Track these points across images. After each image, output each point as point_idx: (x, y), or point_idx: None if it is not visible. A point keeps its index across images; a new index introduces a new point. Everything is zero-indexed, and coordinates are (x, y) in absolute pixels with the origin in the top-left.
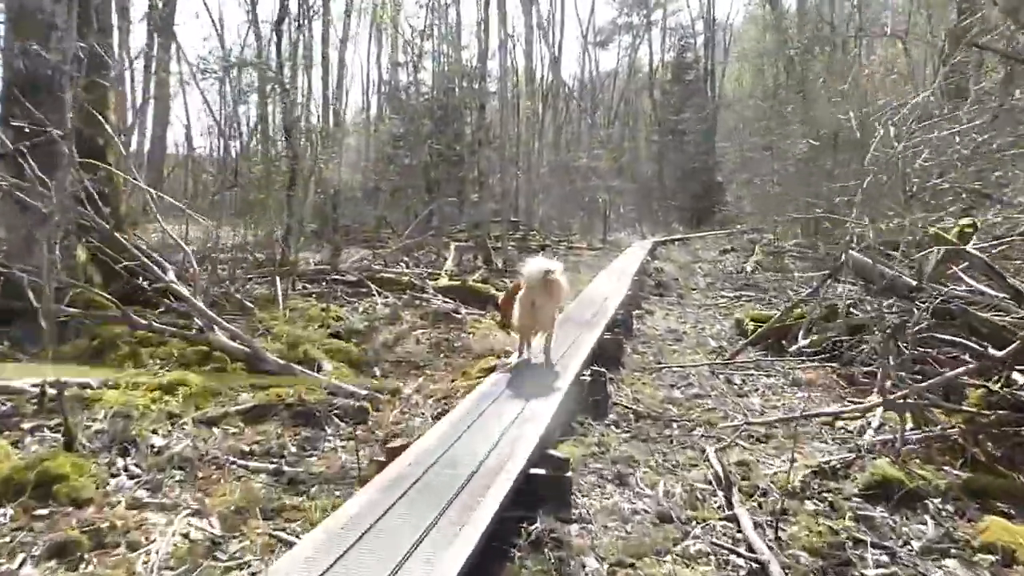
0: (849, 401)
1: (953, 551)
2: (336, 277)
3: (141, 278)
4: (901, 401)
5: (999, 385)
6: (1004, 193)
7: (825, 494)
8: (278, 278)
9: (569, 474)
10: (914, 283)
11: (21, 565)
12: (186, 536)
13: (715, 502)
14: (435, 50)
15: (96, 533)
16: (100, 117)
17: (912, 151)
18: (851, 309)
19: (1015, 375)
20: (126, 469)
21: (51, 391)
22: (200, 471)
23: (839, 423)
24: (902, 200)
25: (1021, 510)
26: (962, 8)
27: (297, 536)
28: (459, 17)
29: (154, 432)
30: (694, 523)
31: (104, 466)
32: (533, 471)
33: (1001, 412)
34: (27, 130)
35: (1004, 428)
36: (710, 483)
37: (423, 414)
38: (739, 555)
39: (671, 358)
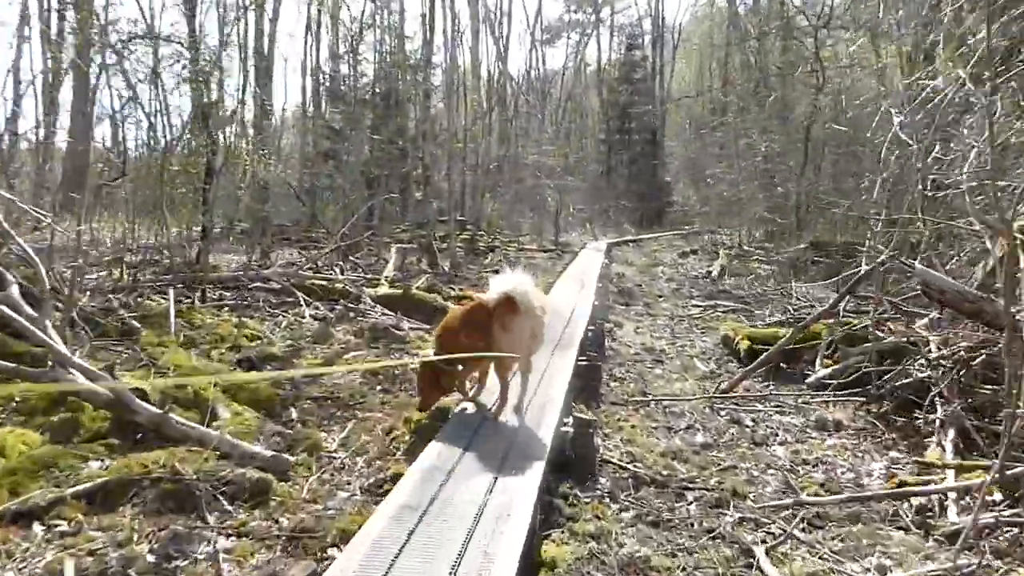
0: (919, 463)
1: None
2: (258, 285)
3: None
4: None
5: None
6: None
7: None
8: (172, 288)
9: None
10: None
11: None
12: None
13: None
14: (377, 40)
15: None
16: None
17: (925, 145)
18: (877, 331)
19: None
20: None
21: None
22: None
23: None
24: (920, 201)
25: None
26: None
27: None
28: (403, 6)
29: None
30: None
31: None
32: None
33: None
34: None
35: None
36: None
37: (349, 484)
38: None
39: (657, 387)
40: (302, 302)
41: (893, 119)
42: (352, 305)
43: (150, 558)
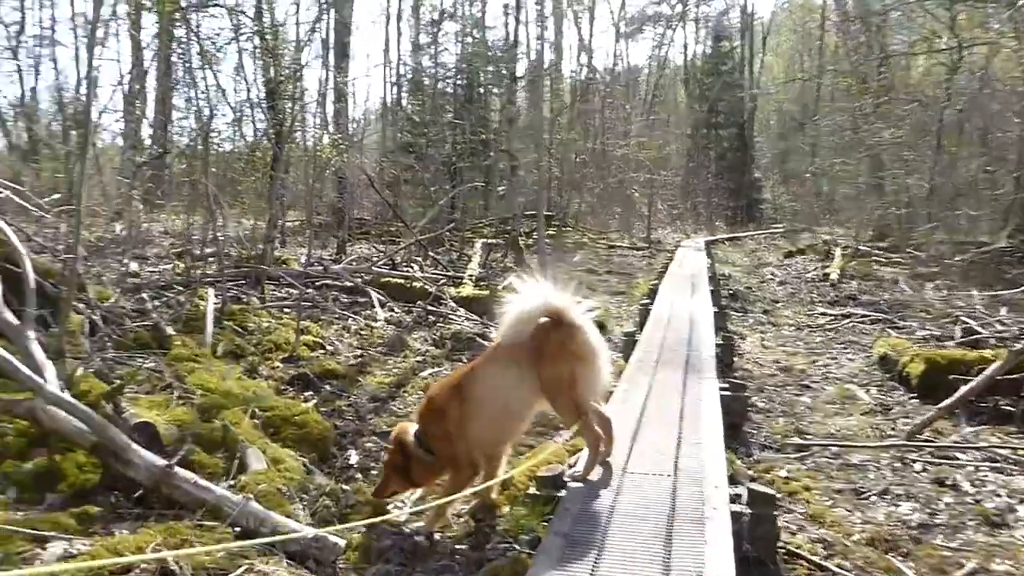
0: None
1: None
2: (328, 282)
3: None
4: None
5: None
6: None
7: None
8: (212, 287)
9: None
10: None
11: None
12: None
13: None
14: (460, 31)
15: None
16: None
17: None
18: None
19: None
20: None
21: None
22: None
23: None
24: None
25: None
26: None
27: None
28: None
29: None
30: None
31: None
32: None
33: None
34: None
35: None
36: None
37: None
38: None
39: (813, 425)
40: (376, 303)
41: None
42: (432, 307)
43: None
